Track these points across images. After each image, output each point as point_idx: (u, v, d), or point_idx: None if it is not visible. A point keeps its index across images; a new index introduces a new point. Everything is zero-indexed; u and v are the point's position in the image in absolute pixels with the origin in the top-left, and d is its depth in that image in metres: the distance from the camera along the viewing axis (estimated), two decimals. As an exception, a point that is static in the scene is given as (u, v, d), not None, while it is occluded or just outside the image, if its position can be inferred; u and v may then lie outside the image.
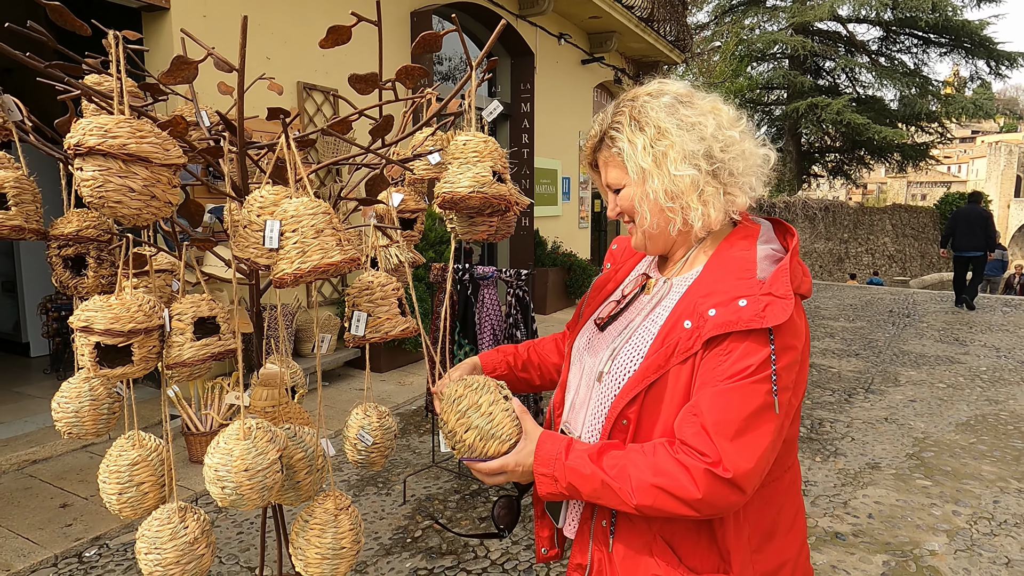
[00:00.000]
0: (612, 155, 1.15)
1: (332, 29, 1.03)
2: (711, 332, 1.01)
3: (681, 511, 1.00)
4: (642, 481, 1.00)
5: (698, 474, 0.97)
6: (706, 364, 1.02)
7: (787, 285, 1.02)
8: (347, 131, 1.14)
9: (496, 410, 1.14)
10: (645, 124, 1.10)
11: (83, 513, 3.33)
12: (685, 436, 1.00)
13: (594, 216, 11.73)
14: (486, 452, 1.13)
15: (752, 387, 0.98)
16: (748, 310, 0.99)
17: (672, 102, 1.11)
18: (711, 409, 0.99)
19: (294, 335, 5.16)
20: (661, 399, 1.07)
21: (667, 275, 1.20)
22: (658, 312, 1.15)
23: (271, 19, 5.18)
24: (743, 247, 1.11)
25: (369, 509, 3.44)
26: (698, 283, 1.11)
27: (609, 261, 1.42)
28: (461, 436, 1.14)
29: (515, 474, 1.13)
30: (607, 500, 1.05)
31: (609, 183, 1.18)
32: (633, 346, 1.14)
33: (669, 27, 11.66)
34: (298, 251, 1.01)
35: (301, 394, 1.62)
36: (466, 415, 1.14)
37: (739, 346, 1.00)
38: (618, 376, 1.13)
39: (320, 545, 1.37)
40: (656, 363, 1.06)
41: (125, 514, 1.40)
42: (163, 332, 1.26)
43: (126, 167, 0.96)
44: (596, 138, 1.18)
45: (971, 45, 19.63)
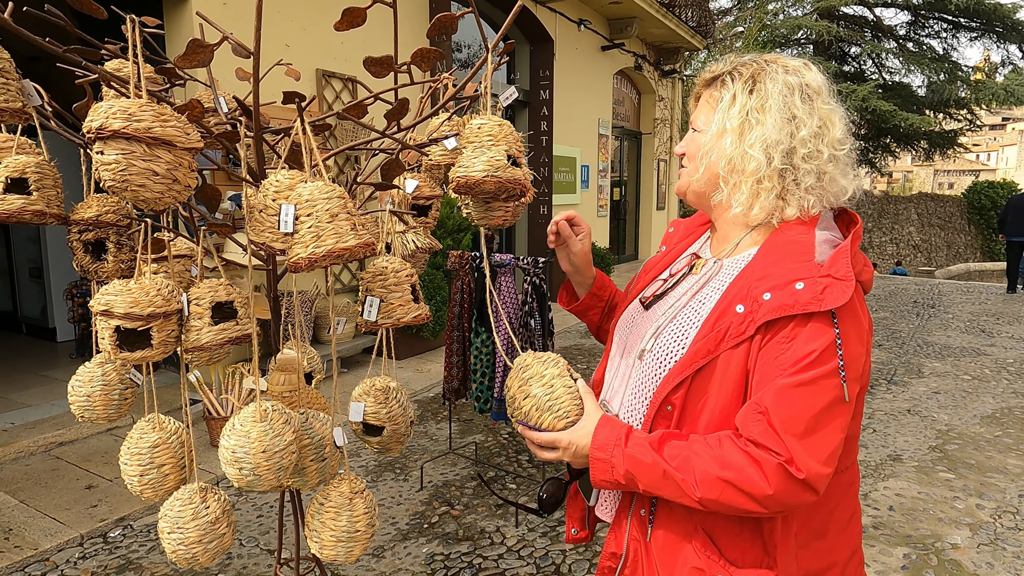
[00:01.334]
0: (712, 97, 1.13)
1: (347, 11, 1.03)
2: (766, 316, 0.97)
3: (748, 506, 0.96)
4: (707, 473, 0.96)
5: (770, 469, 0.93)
6: (766, 353, 0.98)
7: (847, 267, 0.97)
8: (362, 115, 1.14)
9: (558, 384, 1.11)
10: (758, 90, 1.07)
11: (108, 494, 3.40)
12: (752, 434, 0.95)
13: (612, 204, 11.65)
14: (540, 424, 1.11)
15: (821, 380, 0.94)
16: (806, 293, 0.95)
17: (795, 87, 1.07)
18: (778, 406, 0.94)
19: (313, 321, 5.21)
20: (708, 385, 1.03)
21: (718, 255, 1.16)
22: (706, 293, 1.11)
23: (290, 6, 5.18)
24: (800, 231, 1.06)
25: (387, 494, 3.48)
26: (752, 266, 1.06)
27: (664, 244, 1.39)
28: (519, 403, 1.13)
29: (567, 452, 1.10)
30: (667, 492, 1.01)
31: (693, 121, 1.16)
32: (678, 326, 1.10)
33: (691, 12, 11.48)
34: (312, 235, 1.01)
35: (318, 380, 1.63)
36: (528, 383, 1.12)
37: (800, 331, 0.95)
38: (660, 356, 1.09)
39: (335, 528, 1.38)
40: (705, 348, 1.02)
41: (146, 495, 1.42)
42: (182, 316, 1.27)
43: (150, 151, 0.97)
44: (713, 75, 1.14)
45: (1003, 29, 19.09)
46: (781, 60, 1.11)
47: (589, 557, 2.89)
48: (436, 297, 5.86)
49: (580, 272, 1.42)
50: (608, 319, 1.49)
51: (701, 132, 1.13)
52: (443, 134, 1.42)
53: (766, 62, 1.10)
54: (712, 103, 1.13)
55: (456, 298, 3.51)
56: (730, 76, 1.11)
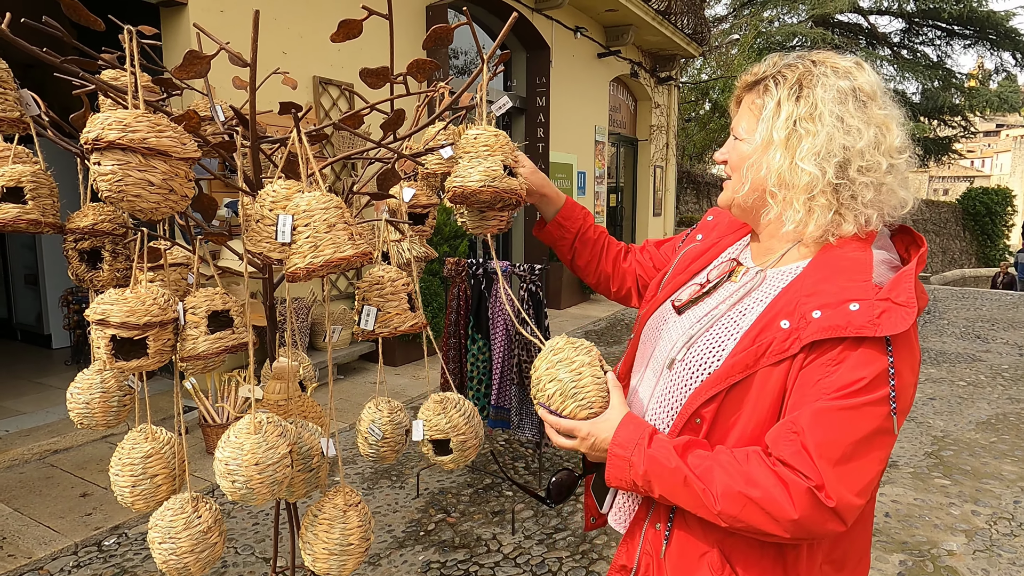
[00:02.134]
0: (755, 104, 1.04)
1: (343, 23, 1.03)
2: (814, 336, 0.90)
3: (769, 528, 0.90)
4: (730, 488, 0.91)
5: (798, 493, 0.87)
6: (809, 374, 0.91)
7: (910, 292, 0.89)
8: (358, 125, 1.14)
9: (586, 372, 1.07)
10: (805, 96, 0.99)
11: (103, 502, 3.38)
12: (783, 454, 0.89)
13: (609, 210, 11.68)
14: (562, 410, 1.07)
15: (866, 408, 0.87)
16: (861, 315, 0.88)
17: (847, 92, 0.98)
18: (815, 428, 0.87)
19: (309, 328, 5.20)
20: (743, 402, 0.97)
21: (761, 264, 1.09)
22: (747, 304, 1.04)
23: (287, 13, 5.20)
24: (856, 247, 0.98)
25: (383, 502, 3.47)
26: (801, 280, 0.99)
27: (701, 232, 1.30)
28: (544, 385, 1.09)
29: (585, 443, 1.05)
30: (684, 500, 0.95)
31: (735, 127, 1.07)
32: (713, 337, 1.04)
33: (686, 20, 11.54)
34: (310, 245, 1.01)
35: (312, 388, 1.63)
36: (556, 366, 1.08)
37: (850, 355, 0.88)
38: (692, 367, 1.03)
39: (328, 540, 1.38)
40: (744, 362, 0.96)
41: (138, 507, 1.42)
42: (178, 325, 1.27)
43: (146, 161, 0.97)
44: (755, 78, 1.05)
45: (996, 37, 19.25)
46: (831, 60, 1.01)
47: (586, 565, 2.88)
48: (433, 304, 5.86)
49: (539, 197, 1.39)
50: (579, 255, 1.44)
51: (743, 140, 1.05)
52: (439, 143, 1.43)
53: (813, 63, 1.01)
54: (755, 110, 1.04)
55: (452, 305, 3.51)
56: (773, 80, 1.02)
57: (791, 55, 1.05)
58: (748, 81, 1.06)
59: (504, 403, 3.40)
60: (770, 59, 1.06)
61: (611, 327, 7.89)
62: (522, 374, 3.30)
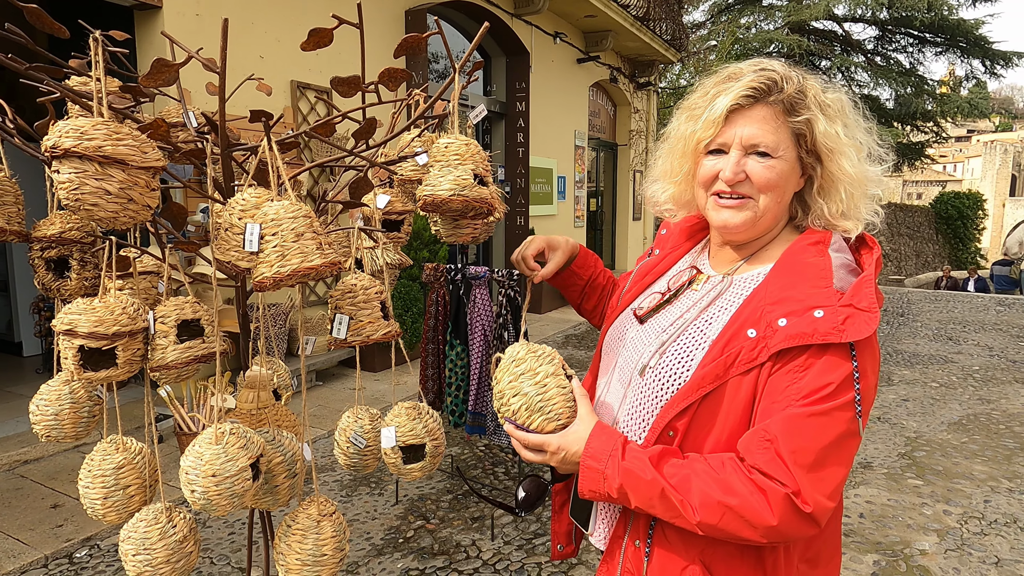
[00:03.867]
0: (776, 114, 1.00)
1: (314, 32, 1.03)
2: (781, 344, 0.92)
3: (747, 535, 0.91)
4: (708, 497, 0.91)
5: (776, 500, 0.89)
6: (776, 381, 0.93)
7: (871, 297, 0.92)
8: (330, 134, 1.14)
9: (551, 384, 1.04)
10: (836, 114, 1.03)
11: (74, 514, 3.32)
12: (758, 462, 0.91)
13: (589, 215, 11.73)
14: (529, 424, 1.04)
15: (835, 412, 0.90)
16: (825, 322, 0.90)
17: (847, 102, 1.06)
18: (788, 435, 0.89)
19: (287, 334, 5.16)
20: (716, 412, 0.97)
21: (724, 271, 1.11)
22: (713, 312, 1.05)
23: (265, 18, 5.16)
24: (814, 252, 1.01)
25: (361, 509, 3.44)
26: (765, 288, 1.01)
27: (657, 246, 1.32)
28: (508, 400, 1.05)
29: (555, 458, 1.02)
30: (662, 512, 0.95)
31: (756, 142, 1.01)
32: (683, 345, 1.04)
33: (665, 26, 11.65)
34: (278, 255, 1.01)
35: (287, 397, 1.62)
36: (519, 379, 1.05)
37: (816, 362, 0.91)
38: (665, 374, 1.03)
39: (301, 551, 1.36)
40: (714, 372, 0.97)
41: (110, 519, 1.39)
42: (148, 335, 1.26)
43: (102, 169, 0.96)
44: (767, 87, 1.00)
45: (966, 44, 19.66)
46: (819, 85, 1.06)
47: (565, 570, 2.88)
48: (412, 309, 5.84)
49: (551, 253, 1.36)
50: (588, 299, 1.44)
51: (779, 158, 1.01)
52: (413, 150, 1.43)
53: (801, 78, 1.05)
54: (778, 121, 1.01)
55: (431, 310, 3.50)
56: (801, 92, 1.02)
57: (765, 67, 1.03)
58: (758, 87, 1.01)
59: (481, 409, 3.40)
60: (755, 74, 1.02)
61: (591, 331, 7.92)
62: (501, 379, 3.30)
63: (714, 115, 1.01)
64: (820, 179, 1.04)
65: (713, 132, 1.02)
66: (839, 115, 1.03)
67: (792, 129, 1.01)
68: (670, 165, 1.15)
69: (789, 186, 1.04)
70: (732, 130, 1.01)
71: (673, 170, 1.14)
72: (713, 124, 1.02)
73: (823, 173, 1.04)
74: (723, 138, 1.02)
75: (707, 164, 1.05)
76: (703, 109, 1.05)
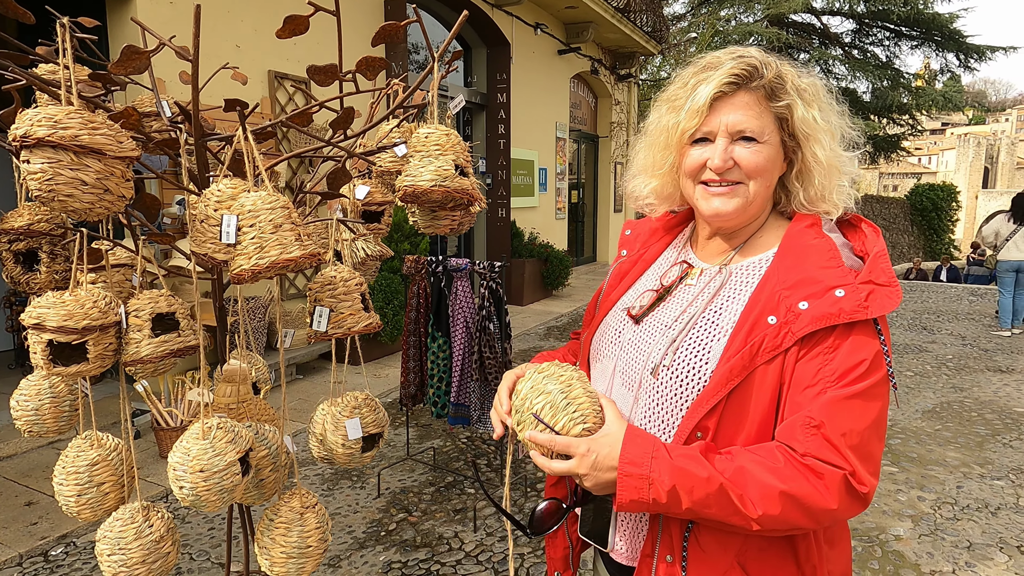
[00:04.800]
0: (759, 100, 1.00)
1: (289, 19, 1.01)
2: (808, 328, 0.91)
3: (804, 523, 0.89)
4: (769, 488, 0.87)
5: (834, 483, 0.87)
6: (806, 366, 0.91)
7: (889, 272, 0.93)
8: (308, 123, 1.12)
9: (577, 384, 0.96)
10: (812, 98, 1.03)
11: (49, 511, 3.26)
12: (809, 448, 0.88)
13: (571, 207, 11.74)
14: (554, 424, 0.94)
15: (872, 390, 0.90)
16: (848, 300, 0.90)
17: (820, 86, 1.05)
18: (834, 418, 0.88)
19: (266, 327, 5.10)
20: (745, 405, 0.94)
21: (718, 262, 1.09)
22: (720, 303, 1.02)
23: (241, 6, 5.07)
24: (814, 235, 1.01)
25: (343, 503, 3.43)
26: (775, 274, 0.99)
27: (624, 247, 1.29)
28: (531, 403, 0.96)
29: (584, 463, 0.92)
30: (716, 510, 0.89)
31: (741, 128, 1.00)
32: (696, 339, 1.00)
33: (645, 18, 11.66)
34: (256, 246, 0.99)
35: (265, 391, 1.60)
36: (543, 381, 0.97)
37: (844, 342, 0.90)
38: (683, 371, 0.99)
39: (286, 544, 1.36)
40: (740, 364, 0.93)
41: (84, 516, 1.37)
42: (121, 329, 1.23)
43: (78, 159, 0.93)
44: (748, 73, 1.00)
45: (941, 38, 19.93)
46: (793, 70, 1.05)
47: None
48: (393, 301, 5.80)
49: None
50: None
51: (765, 143, 1.01)
52: (392, 141, 1.41)
53: (790, 70, 1.04)
54: (760, 107, 1.01)
55: (412, 303, 3.48)
56: (779, 78, 1.02)
57: (743, 54, 1.03)
58: (739, 74, 1.00)
59: (464, 400, 3.40)
60: (734, 61, 1.01)
61: (573, 322, 7.94)
62: (484, 370, 3.30)
63: (697, 104, 1.00)
64: (799, 163, 1.05)
65: (698, 121, 1.01)
66: (815, 99, 1.03)
67: (775, 114, 1.02)
68: (652, 158, 1.13)
69: (775, 170, 1.04)
70: (717, 118, 1.00)
71: (656, 163, 1.12)
72: (697, 113, 1.00)
73: (802, 157, 1.04)
74: (708, 127, 1.01)
75: (693, 154, 1.04)
76: (685, 99, 1.03)
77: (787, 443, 0.90)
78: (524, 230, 9.32)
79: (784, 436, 0.91)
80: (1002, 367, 6.14)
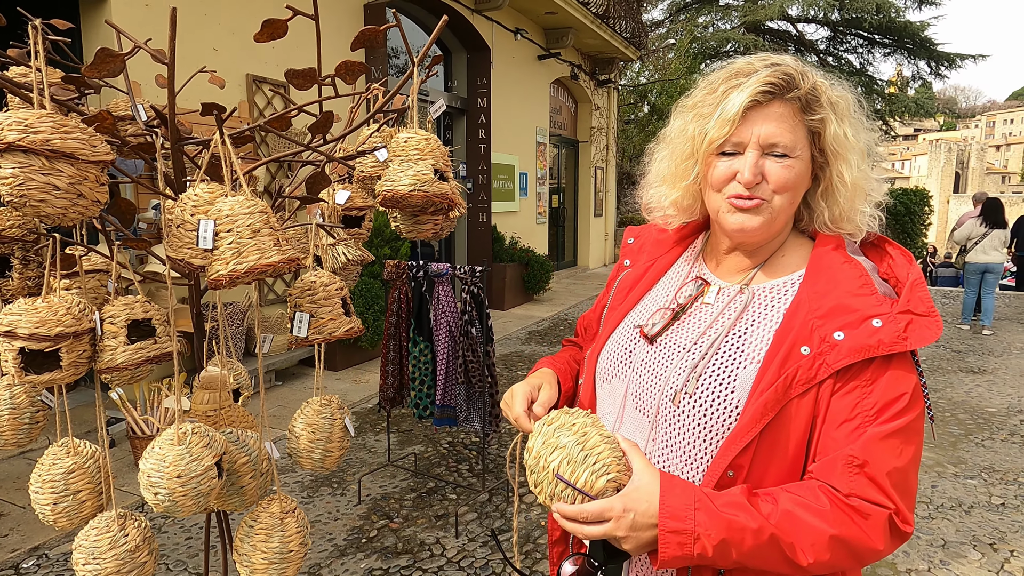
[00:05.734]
0: (794, 112, 0.94)
1: (267, 23, 1.01)
2: (845, 360, 0.86)
3: (850, 566, 0.87)
4: (818, 533, 0.83)
5: (880, 523, 0.84)
6: (843, 401, 0.87)
7: (928, 301, 0.89)
8: (286, 127, 1.11)
9: (592, 432, 0.88)
10: (844, 114, 0.98)
11: (20, 523, 3.19)
12: (853, 488, 0.85)
13: (551, 211, 11.78)
14: (575, 481, 0.85)
15: (912, 425, 0.87)
16: (887, 332, 0.86)
17: (852, 101, 1.01)
18: (877, 456, 0.85)
19: (245, 334, 5.05)
20: (778, 440, 0.89)
21: (737, 280, 1.03)
22: (744, 327, 0.97)
23: (219, 9, 5.03)
24: (842, 258, 0.96)
25: (323, 510, 3.40)
26: (805, 300, 0.94)
27: (627, 257, 1.22)
28: (545, 460, 0.88)
29: (621, 524, 0.84)
30: (766, 561, 0.84)
31: (775, 142, 0.94)
32: (720, 365, 0.95)
33: (624, 24, 11.76)
34: (234, 252, 0.98)
35: (246, 396, 1.58)
36: (554, 434, 0.89)
37: (882, 375, 0.87)
38: (708, 399, 0.93)
39: (267, 550, 1.35)
40: (774, 398, 0.88)
41: (61, 524, 1.35)
42: (95, 335, 1.21)
43: (50, 164, 0.92)
44: (785, 83, 0.94)
45: (913, 46, 20.35)
46: (827, 82, 1.00)
47: (529, 565, 2.90)
48: (374, 306, 5.77)
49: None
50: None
51: (796, 158, 0.95)
52: (372, 145, 1.41)
53: (823, 82, 0.99)
54: (794, 120, 0.95)
55: (393, 308, 3.47)
56: (816, 90, 0.97)
57: (788, 61, 0.98)
58: (774, 82, 0.94)
59: (449, 401, 3.40)
60: (769, 69, 0.95)
61: (554, 327, 7.96)
62: (468, 374, 3.30)
63: (729, 113, 0.94)
64: (825, 180, 0.99)
65: (728, 131, 0.94)
66: (846, 115, 0.98)
67: (808, 128, 0.96)
68: (674, 168, 1.06)
69: (802, 186, 0.98)
70: (749, 129, 0.94)
71: (678, 173, 1.05)
72: (729, 123, 0.94)
73: (829, 175, 0.99)
74: (738, 137, 0.94)
75: (721, 166, 0.97)
76: (713, 107, 0.97)
77: (828, 482, 0.86)
78: (505, 234, 9.34)
79: (824, 475, 0.87)
80: (974, 368, 6.26)
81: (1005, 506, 3.46)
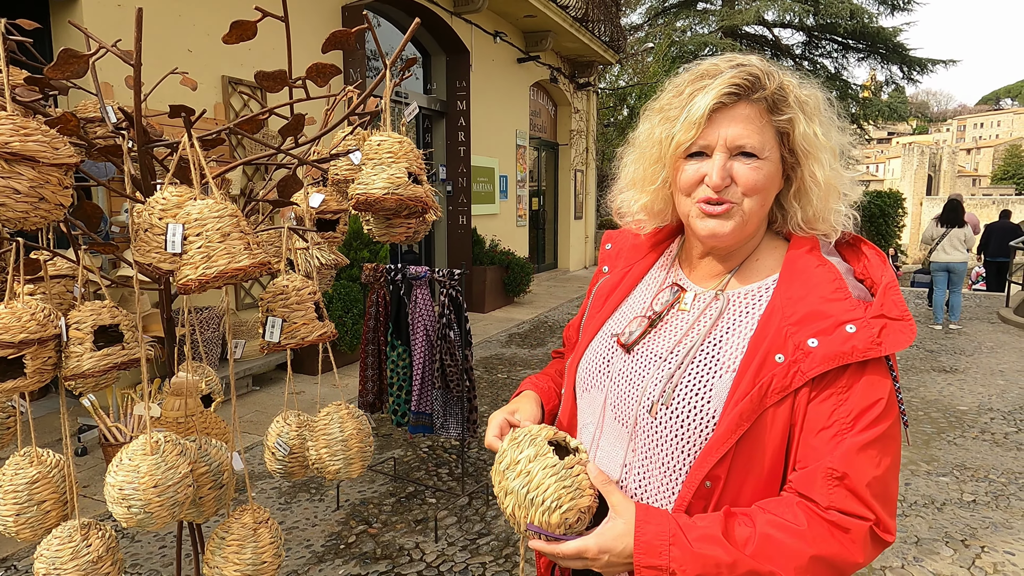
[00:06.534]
0: (760, 113, 0.93)
1: (236, 24, 0.99)
2: (819, 368, 0.86)
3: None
4: (798, 555, 0.83)
5: (860, 536, 0.84)
6: (819, 409, 0.87)
7: (902, 305, 0.88)
8: (257, 130, 1.10)
9: (535, 468, 0.88)
10: (813, 112, 0.96)
11: (-12, 533, 3.12)
12: (833, 501, 0.85)
13: (531, 214, 11.79)
14: (532, 522, 0.88)
15: (889, 432, 0.86)
16: (861, 337, 0.85)
17: (821, 99, 0.99)
18: (856, 467, 0.84)
19: (220, 338, 4.98)
20: (755, 450, 0.89)
21: (712, 286, 1.02)
22: (719, 335, 0.96)
23: (193, 9, 4.97)
24: (816, 260, 0.95)
25: (301, 516, 3.36)
26: (778, 305, 0.93)
27: (606, 263, 1.21)
28: (504, 504, 0.91)
29: (598, 563, 0.87)
30: None
31: (741, 144, 0.93)
32: (696, 375, 0.94)
33: (603, 27, 11.82)
34: (203, 256, 0.97)
35: (217, 403, 1.56)
36: (504, 476, 0.91)
37: (857, 382, 0.86)
38: (683, 410, 0.93)
39: (239, 562, 1.32)
40: (749, 407, 0.87)
41: (24, 536, 1.32)
42: (61, 342, 1.19)
43: (9, 167, 0.90)
44: (750, 84, 0.92)
45: (886, 51, 20.71)
46: (794, 81, 0.98)
47: (509, 568, 2.89)
48: (352, 310, 5.73)
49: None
50: None
51: (766, 159, 0.94)
52: (347, 148, 1.40)
53: (790, 82, 0.98)
54: (762, 121, 0.94)
55: (371, 311, 3.44)
56: (782, 90, 0.95)
57: (753, 61, 0.97)
58: (740, 83, 0.93)
59: (425, 408, 3.37)
60: (734, 70, 0.94)
61: (535, 329, 7.96)
62: (446, 378, 3.28)
63: (695, 115, 0.93)
64: (798, 181, 0.98)
65: (695, 134, 0.93)
66: (816, 113, 0.97)
67: (776, 128, 0.95)
68: (642, 172, 1.05)
69: (773, 187, 0.97)
70: (715, 131, 0.93)
71: (646, 177, 1.05)
72: (694, 125, 0.93)
73: (801, 175, 0.98)
74: (705, 140, 0.93)
75: (689, 169, 0.96)
76: (680, 110, 0.96)
77: (808, 495, 0.86)
78: (485, 237, 9.33)
79: (803, 487, 0.87)
80: (946, 367, 6.38)
81: (976, 503, 3.53)
